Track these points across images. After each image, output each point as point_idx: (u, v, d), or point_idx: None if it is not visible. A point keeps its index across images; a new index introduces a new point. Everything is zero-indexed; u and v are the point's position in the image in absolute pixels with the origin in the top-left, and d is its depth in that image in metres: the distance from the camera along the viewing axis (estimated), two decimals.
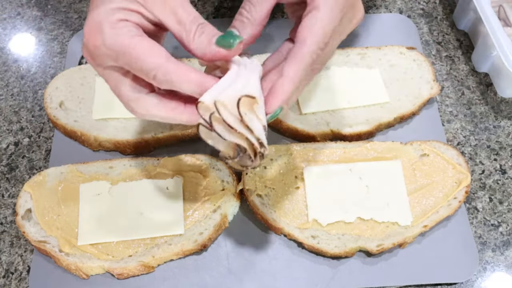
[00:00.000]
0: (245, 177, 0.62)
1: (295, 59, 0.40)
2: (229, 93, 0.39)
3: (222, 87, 0.39)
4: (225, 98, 0.39)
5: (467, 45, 0.78)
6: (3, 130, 0.71)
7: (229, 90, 0.39)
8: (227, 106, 0.39)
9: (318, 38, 0.40)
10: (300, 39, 0.40)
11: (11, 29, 0.81)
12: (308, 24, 0.40)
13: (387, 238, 0.59)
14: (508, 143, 0.69)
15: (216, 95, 0.39)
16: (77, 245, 0.59)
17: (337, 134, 0.67)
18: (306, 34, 0.40)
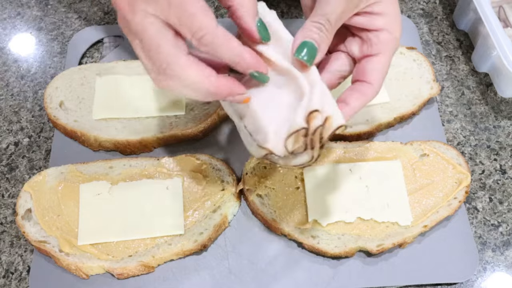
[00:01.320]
0: (245, 177, 0.62)
1: (364, 96, 0.45)
2: (326, 107, 0.41)
3: (319, 97, 0.41)
4: (328, 111, 0.41)
5: (467, 45, 0.78)
6: (3, 130, 0.71)
7: (326, 104, 0.41)
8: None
9: (381, 81, 0.46)
10: (369, 80, 0.45)
11: (11, 29, 0.81)
12: (376, 68, 0.45)
13: (387, 238, 0.59)
14: (508, 143, 0.69)
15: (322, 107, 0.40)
16: (77, 245, 0.59)
17: (337, 134, 0.67)
18: (375, 77, 0.45)
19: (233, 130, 0.69)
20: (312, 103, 0.40)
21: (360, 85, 0.45)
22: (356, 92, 0.45)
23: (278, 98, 0.43)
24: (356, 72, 0.47)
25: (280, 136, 0.42)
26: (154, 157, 0.65)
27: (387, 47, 0.45)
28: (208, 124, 0.67)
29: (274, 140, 0.41)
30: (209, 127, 0.68)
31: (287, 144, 0.41)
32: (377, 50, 0.45)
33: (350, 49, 0.48)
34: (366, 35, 0.46)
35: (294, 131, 0.40)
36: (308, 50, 0.42)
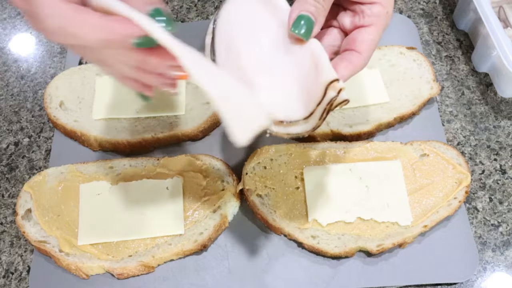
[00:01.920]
0: (245, 177, 0.62)
1: (352, 65, 0.44)
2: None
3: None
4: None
5: (467, 45, 0.78)
6: (3, 130, 0.71)
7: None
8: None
9: (370, 53, 0.46)
10: (359, 50, 0.45)
11: (11, 29, 0.81)
12: (366, 38, 0.45)
13: (387, 238, 0.59)
14: (508, 143, 0.69)
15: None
16: (77, 245, 0.59)
17: (337, 134, 0.67)
18: (365, 47, 0.45)
19: None
20: (330, 73, 0.41)
21: (350, 54, 0.45)
22: (345, 61, 0.45)
23: (280, 69, 0.44)
24: (346, 42, 0.47)
25: (284, 104, 0.42)
26: (154, 157, 0.65)
27: (379, 19, 0.45)
28: (208, 124, 0.67)
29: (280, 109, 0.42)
30: (209, 127, 0.68)
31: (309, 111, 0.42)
32: (369, 22, 0.45)
33: (341, 23, 0.48)
34: (359, 7, 0.46)
35: (319, 100, 0.41)
36: (305, 24, 0.43)
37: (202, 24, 0.79)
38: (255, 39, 0.46)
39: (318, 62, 0.42)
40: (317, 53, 0.43)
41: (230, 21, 0.46)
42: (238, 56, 0.45)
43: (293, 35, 0.43)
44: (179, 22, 0.80)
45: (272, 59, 0.45)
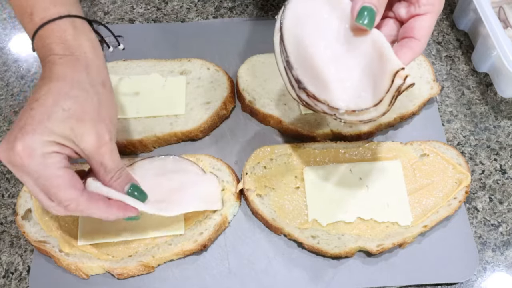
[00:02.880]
0: (245, 177, 0.62)
1: (412, 51, 0.47)
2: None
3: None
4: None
5: (467, 45, 0.78)
6: (3, 130, 0.71)
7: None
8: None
9: (427, 39, 0.49)
10: (418, 37, 0.48)
11: (11, 29, 0.81)
12: (424, 25, 0.48)
13: (387, 238, 0.59)
14: (508, 143, 0.69)
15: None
16: (77, 245, 0.59)
17: (337, 134, 0.67)
18: (423, 33, 0.48)
19: (233, 130, 0.69)
20: (396, 62, 0.45)
21: (409, 41, 0.48)
22: (404, 47, 0.48)
23: (347, 61, 0.47)
24: (403, 30, 0.50)
25: (356, 94, 0.47)
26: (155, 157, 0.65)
27: (434, 8, 0.48)
28: (208, 124, 0.67)
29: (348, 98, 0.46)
30: (209, 127, 0.68)
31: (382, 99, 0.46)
32: (425, 10, 0.48)
33: (397, 13, 0.50)
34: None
35: (388, 88, 0.45)
36: (368, 15, 0.45)
37: (202, 24, 0.79)
38: (322, 35, 0.48)
39: (382, 52, 0.46)
40: (380, 44, 0.46)
41: (296, 20, 0.48)
42: (308, 54, 0.47)
43: (357, 25, 0.46)
44: (179, 22, 0.80)
45: (338, 52, 0.48)
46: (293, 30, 0.48)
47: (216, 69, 0.72)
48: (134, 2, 0.83)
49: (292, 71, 0.47)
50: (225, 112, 0.69)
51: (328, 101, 0.46)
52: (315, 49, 0.47)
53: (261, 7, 0.82)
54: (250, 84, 0.70)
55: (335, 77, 0.47)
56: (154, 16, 0.81)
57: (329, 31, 0.48)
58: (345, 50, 0.48)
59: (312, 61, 0.47)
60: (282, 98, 0.69)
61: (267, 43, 0.75)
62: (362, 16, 0.45)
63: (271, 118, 0.68)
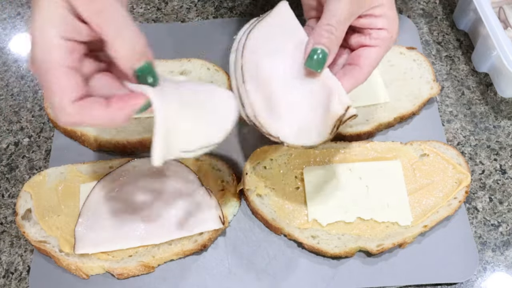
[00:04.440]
0: (245, 177, 0.62)
1: (354, 79, 0.49)
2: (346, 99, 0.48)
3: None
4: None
5: (467, 45, 0.78)
6: (3, 130, 0.71)
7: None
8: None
9: (371, 69, 0.50)
10: (362, 65, 0.49)
11: (11, 29, 0.81)
12: (371, 56, 0.49)
13: (387, 238, 0.59)
14: (508, 143, 0.69)
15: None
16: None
17: (337, 134, 0.67)
18: (368, 63, 0.49)
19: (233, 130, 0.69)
20: (344, 97, 0.46)
21: (352, 69, 0.49)
22: (347, 75, 0.49)
23: (298, 96, 0.49)
24: (350, 57, 0.51)
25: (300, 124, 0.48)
26: None
27: (384, 43, 0.49)
28: None
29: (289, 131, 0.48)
30: None
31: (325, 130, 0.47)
32: (375, 43, 0.49)
33: (349, 42, 0.51)
34: (367, 30, 0.50)
35: (337, 120, 0.46)
36: (320, 56, 0.46)
37: (202, 24, 0.79)
38: (279, 67, 0.49)
39: (330, 93, 0.47)
40: (329, 85, 0.47)
41: (257, 49, 0.49)
42: (266, 83, 0.48)
43: (307, 68, 0.47)
44: (179, 22, 0.80)
45: (292, 85, 0.49)
46: (253, 54, 0.49)
47: (216, 69, 0.72)
48: (134, 2, 0.83)
49: (247, 93, 0.48)
50: None
51: (276, 133, 0.48)
52: (273, 76, 0.48)
53: (261, 7, 0.82)
54: None
55: (288, 106, 0.48)
56: (154, 16, 0.81)
57: (288, 65, 0.49)
58: (299, 83, 0.49)
59: (268, 92, 0.48)
60: None
61: None
62: (312, 59, 0.46)
63: None
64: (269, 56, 0.49)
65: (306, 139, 0.48)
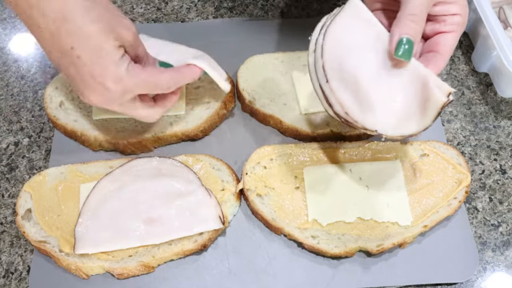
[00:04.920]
0: (245, 177, 0.62)
1: (437, 67, 0.50)
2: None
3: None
4: None
5: (467, 45, 0.78)
6: (3, 130, 0.71)
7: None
8: None
9: (450, 54, 0.51)
10: (442, 52, 0.50)
11: (11, 29, 0.81)
12: (449, 42, 0.51)
13: (387, 238, 0.59)
14: (508, 143, 0.69)
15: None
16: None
17: (337, 134, 0.67)
18: (447, 49, 0.50)
19: (233, 130, 0.69)
20: (442, 95, 0.48)
21: (433, 56, 0.50)
22: (430, 63, 0.50)
23: (389, 88, 0.50)
24: (428, 44, 0.52)
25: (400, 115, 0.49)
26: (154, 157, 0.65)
27: (459, 28, 0.51)
28: (208, 124, 0.67)
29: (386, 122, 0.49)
30: (209, 127, 0.68)
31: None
32: (450, 29, 0.50)
33: (424, 30, 0.52)
34: (441, 17, 0.51)
35: (441, 106, 0.48)
36: (407, 46, 0.47)
37: (202, 24, 0.79)
38: (363, 61, 0.49)
39: (426, 82, 0.48)
40: (423, 73, 0.48)
41: (337, 44, 0.49)
42: (352, 79, 0.48)
43: (395, 58, 0.48)
44: (179, 22, 0.80)
45: (381, 76, 0.49)
46: (334, 51, 0.49)
47: None
48: (134, 2, 0.83)
49: (332, 91, 0.48)
50: (225, 112, 0.69)
51: (372, 126, 0.48)
52: (359, 70, 0.49)
53: (261, 7, 0.82)
54: (250, 84, 0.70)
55: (379, 99, 0.49)
56: (154, 16, 0.81)
57: (370, 55, 0.50)
58: (387, 75, 0.49)
59: (356, 82, 0.48)
60: (282, 98, 0.69)
61: (267, 43, 0.76)
62: (400, 49, 0.47)
63: (271, 118, 0.68)
64: (351, 51, 0.49)
65: (405, 129, 0.49)
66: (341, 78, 0.48)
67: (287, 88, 0.70)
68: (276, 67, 0.72)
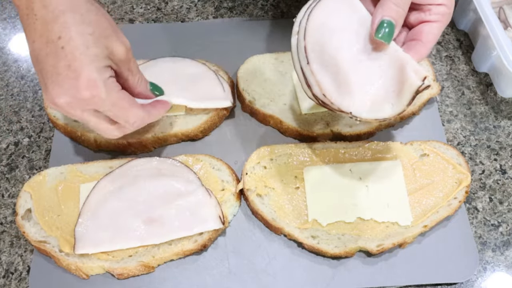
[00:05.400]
0: (245, 177, 0.62)
1: (418, 54, 0.50)
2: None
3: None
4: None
5: (467, 45, 0.78)
6: (3, 130, 0.71)
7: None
8: None
9: (433, 44, 0.51)
10: (425, 40, 0.50)
11: (11, 29, 0.81)
12: (433, 31, 0.51)
13: (387, 238, 0.59)
14: (508, 143, 0.69)
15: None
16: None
17: (337, 134, 0.67)
18: (430, 38, 0.50)
19: (233, 130, 0.69)
20: (417, 79, 0.47)
21: (416, 44, 0.50)
22: (411, 51, 0.50)
23: (368, 71, 0.50)
24: (411, 33, 0.52)
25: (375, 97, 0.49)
26: (154, 157, 0.65)
27: (443, 18, 0.51)
28: (208, 124, 0.67)
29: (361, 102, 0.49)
30: (209, 127, 0.68)
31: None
32: (435, 18, 0.51)
33: (408, 20, 0.52)
34: (426, 6, 0.51)
35: (415, 91, 0.47)
36: (387, 28, 0.47)
37: (202, 24, 0.79)
38: (346, 42, 0.50)
39: (403, 66, 0.48)
40: (401, 57, 0.48)
41: (319, 27, 0.49)
42: (332, 58, 0.49)
43: (376, 40, 0.48)
44: (179, 22, 0.80)
45: (361, 59, 0.50)
46: (316, 33, 0.49)
47: (217, 69, 0.72)
48: (134, 2, 0.83)
49: (313, 73, 0.49)
50: (225, 112, 0.69)
51: (347, 109, 0.49)
52: (340, 53, 0.49)
53: (261, 7, 0.82)
54: (250, 84, 0.70)
55: (358, 81, 0.49)
56: (154, 16, 0.81)
57: (352, 38, 0.50)
58: (367, 59, 0.49)
59: (336, 65, 0.49)
60: (282, 98, 0.69)
61: (267, 43, 0.76)
62: (381, 30, 0.47)
63: (271, 118, 0.68)
64: (333, 34, 0.49)
65: (380, 113, 0.49)
66: (322, 60, 0.49)
67: (287, 88, 0.70)
68: (276, 67, 0.72)
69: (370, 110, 0.49)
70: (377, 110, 0.49)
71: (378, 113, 0.49)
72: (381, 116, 0.49)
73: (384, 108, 0.49)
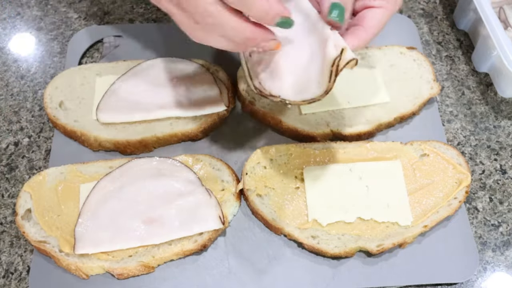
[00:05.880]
0: (245, 177, 0.62)
1: (358, 38, 0.49)
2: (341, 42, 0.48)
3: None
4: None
5: (467, 45, 0.78)
6: (3, 130, 0.71)
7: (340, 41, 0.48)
8: None
9: (376, 31, 0.50)
10: (367, 26, 0.50)
11: (11, 29, 0.81)
12: (376, 17, 0.50)
13: (387, 238, 0.59)
14: (508, 143, 0.69)
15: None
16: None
17: (337, 134, 0.67)
18: (373, 24, 0.50)
19: (233, 130, 0.69)
20: (339, 41, 0.46)
21: (356, 29, 0.50)
22: (351, 35, 0.49)
23: (297, 54, 0.50)
24: (355, 19, 0.51)
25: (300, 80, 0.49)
26: (154, 157, 0.65)
27: (388, 5, 0.50)
28: (208, 124, 0.67)
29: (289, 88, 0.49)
30: (209, 127, 0.68)
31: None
32: (379, 4, 0.50)
33: (353, 6, 0.52)
34: None
35: (332, 64, 0.45)
36: (339, 11, 0.47)
37: None
38: (281, 32, 0.49)
39: (325, 40, 0.47)
40: (326, 34, 0.47)
41: None
42: (270, 52, 0.50)
43: (330, 20, 0.47)
44: None
45: (290, 48, 0.50)
46: None
47: (216, 69, 0.72)
48: (134, 2, 0.83)
49: (252, 65, 0.50)
50: (225, 113, 0.69)
51: (277, 93, 0.49)
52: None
53: None
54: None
55: (288, 66, 0.49)
56: (154, 16, 0.81)
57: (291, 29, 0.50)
58: (299, 42, 0.49)
59: (272, 54, 0.50)
60: None
61: None
62: (332, 12, 0.46)
63: (271, 118, 0.67)
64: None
65: (307, 94, 0.48)
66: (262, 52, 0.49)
67: None
68: None
69: (297, 92, 0.49)
70: (304, 91, 0.48)
71: (305, 94, 0.48)
72: (308, 97, 0.48)
73: (310, 89, 0.48)
